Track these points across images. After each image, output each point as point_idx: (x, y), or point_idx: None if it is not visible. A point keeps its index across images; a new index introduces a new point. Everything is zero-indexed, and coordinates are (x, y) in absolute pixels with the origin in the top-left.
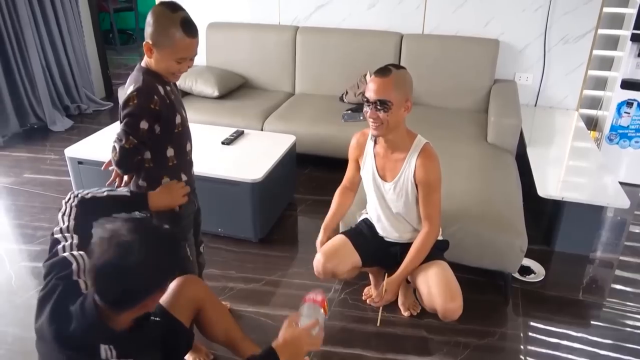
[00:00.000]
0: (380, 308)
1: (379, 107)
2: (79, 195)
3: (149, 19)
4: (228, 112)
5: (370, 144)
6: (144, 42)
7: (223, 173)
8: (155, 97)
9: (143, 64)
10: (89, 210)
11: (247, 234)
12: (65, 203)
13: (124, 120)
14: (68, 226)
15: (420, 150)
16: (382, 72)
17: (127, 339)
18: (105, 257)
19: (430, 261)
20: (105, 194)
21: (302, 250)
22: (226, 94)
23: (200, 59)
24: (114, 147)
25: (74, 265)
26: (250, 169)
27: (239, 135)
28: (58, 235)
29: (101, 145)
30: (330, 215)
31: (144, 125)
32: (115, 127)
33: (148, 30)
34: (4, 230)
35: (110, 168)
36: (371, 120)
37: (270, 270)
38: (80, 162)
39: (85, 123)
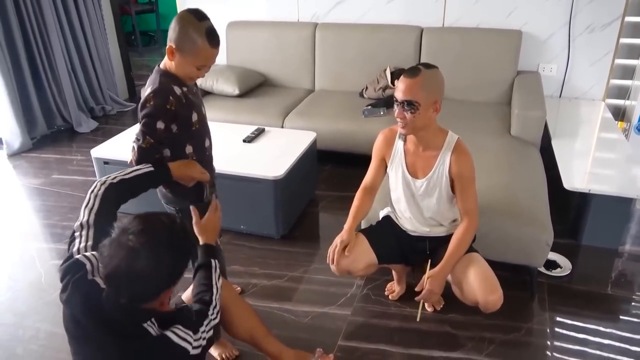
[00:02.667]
0: (421, 302)
1: (406, 107)
2: (106, 182)
3: (175, 24)
4: (249, 110)
5: (399, 141)
6: (168, 45)
7: (245, 171)
8: (171, 97)
9: (162, 65)
10: (116, 196)
11: (269, 231)
12: (90, 193)
13: (142, 121)
14: (88, 220)
15: (454, 147)
16: (412, 72)
17: (162, 313)
18: (113, 263)
19: (465, 254)
20: (131, 174)
21: (323, 246)
22: (247, 92)
23: (220, 58)
24: (133, 147)
25: (88, 266)
26: (272, 166)
27: (260, 132)
28: (77, 233)
29: (126, 145)
30: (351, 218)
31: (160, 125)
32: (136, 128)
33: (173, 34)
34: (35, 230)
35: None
36: (399, 119)
37: (292, 267)
38: (106, 162)
39: (109, 124)
